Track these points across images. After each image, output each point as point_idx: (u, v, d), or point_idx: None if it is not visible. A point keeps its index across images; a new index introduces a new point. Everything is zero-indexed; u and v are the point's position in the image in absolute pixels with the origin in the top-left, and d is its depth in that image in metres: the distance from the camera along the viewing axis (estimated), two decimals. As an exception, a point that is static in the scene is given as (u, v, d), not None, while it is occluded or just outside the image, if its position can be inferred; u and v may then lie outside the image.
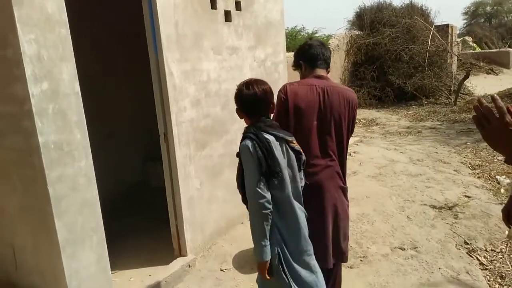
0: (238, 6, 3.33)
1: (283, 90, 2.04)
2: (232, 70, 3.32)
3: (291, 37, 14.34)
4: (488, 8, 35.26)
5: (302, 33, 14.80)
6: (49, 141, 1.99)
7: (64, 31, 2.03)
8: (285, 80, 4.15)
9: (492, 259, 2.87)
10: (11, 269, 2.38)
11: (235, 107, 1.81)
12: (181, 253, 2.93)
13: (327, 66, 2.12)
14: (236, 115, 1.85)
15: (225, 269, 2.89)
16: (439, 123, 7.73)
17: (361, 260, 2.93)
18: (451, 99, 9.58)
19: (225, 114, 3.25)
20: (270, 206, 1.61)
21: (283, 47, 4.05)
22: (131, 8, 3.06)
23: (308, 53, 2.12)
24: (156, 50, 2.65)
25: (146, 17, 2.61)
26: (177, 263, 2.84)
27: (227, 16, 3.23)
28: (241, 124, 3.49)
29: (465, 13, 35.77)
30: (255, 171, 1.59)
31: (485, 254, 2.93)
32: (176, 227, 2.92)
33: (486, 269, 2.77)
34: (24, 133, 1.99)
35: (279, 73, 3.99)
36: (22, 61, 1.86)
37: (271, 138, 1.66)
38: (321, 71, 2.08)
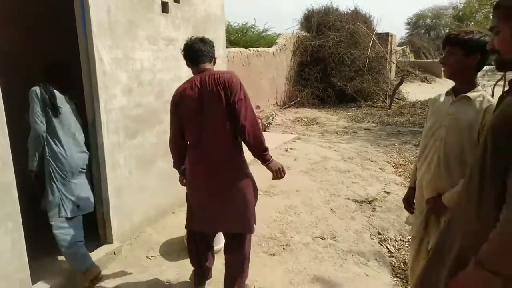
0: (176, -2, 3.36)
1: (173, 98, 2.24)
2: (168, 60, 3.34)
3: (242, 33, 14.41)
4: (428, 21, 37.84)
5: (252, 30, 14.92)
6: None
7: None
8: (224, 75, 4.23)
9: (399, 247, 3.18)
10: None
11: (170, 97, 1.94)
12: (107, 240, 2.92)
13: (210, 59, 2.26)
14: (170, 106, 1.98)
15: (151, 257, 2.93)
16: (373, 124, 8.26)
17: (283, 248, 3.10)
18: (386, 103, 10.25)
19: (159, 104, 3.27)
20: None
21: (222, 42, 4.13)
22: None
23: (188, 52, 2.27)
24: (86, 35, 2.61)
25: (76, 2, 2.56)
26: (102, 250, 2.83)
27: (164, 7, 3.24)
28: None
29: (408, 23, 38.15)
30: None
31: (394, 243, 3.24)
32: (102, 215, 2.90)
33: (393, 256, 3.06)
34: None
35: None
36: None
37: None
38: (204, 65, 2.21)
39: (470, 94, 1.91)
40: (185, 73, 3.56)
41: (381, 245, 3.21)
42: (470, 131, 1.87)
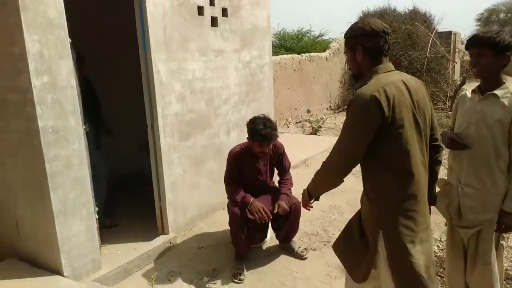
0: (224, 13, 3.69)
1: None
2: (217, 70, 3.67)
3: (297, 39, 14.62)
4: (502, 15, 34.94)
5: (308, 36, 15.05)
6: (47, 125, 2.37)
7: (63, 33, 2.41)
8: (270, 81, 4.49)
9: (444, 248, 3.16)
10: (13, 236, 2.77)
11: (219, 103, 2.26)
12: (164, 231, 3.29)
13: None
14: (219, 111, 2.28)
15: (202, 247, 3.25)
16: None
17: (324, 244, 3.25)
18: (447, 104, 9.79)
19: (209, 110, 3.61)
20: None
21: (268, 50, 4.38)
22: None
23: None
24: (145, 51, 3.02)
25: (138, 22, 2.98)
26: (159, 240, 3.20)
27: (214, 21, 3.58)
28: (223, 120, 3.87)
29: (478, 20, 35.54)
30: None
31: (439, 244, 3.24)
32: (160, 208, 3.28)
33: (436, 256, 3.06)
34: (27, 118, 2.37)
35: (264, 74, 4.32)
36: (26, 57, 2.24)
37: None
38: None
39: (498, 92, 1.95)
40: (233, 80, 3.89)
41: (424, 244, 3.21)
42: (500, 127, 1.92)
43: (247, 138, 2.96)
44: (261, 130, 2.79)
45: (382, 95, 1.52)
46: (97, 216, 2.76)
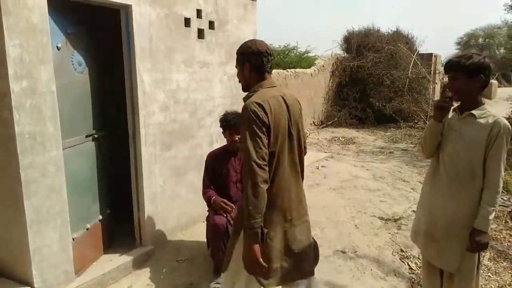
0: (211, 26, 3.71)
1: None
2: (202, 81, 3.67)
3: (284, 54, 14.82)
4: (480, 40, 36.34)
5: (294, 52, 15.28)
6: (24, 131, 2.31)
7: (45, 39, 2.37)
8: (255, 94, 4.51)
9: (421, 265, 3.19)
10: (-17, 245, 2.66)
11: (202, 114, 2.28)
12: (142, 243, 3.22)
13: None
14: (202, 122, 2.29)
15: (180, 260, 3.18)
16: (412, 145, 8.13)
17: (303, 259, 3.23)
18: (427, 124, 10.02)
19: (192, 121, 3.59)
20: None
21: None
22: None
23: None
24: (130, 60, 3.00)
25: (123, 32, 2.96)
26: (137, 252, 3.13)
27: (200, 33, 3.60)
28: (207, 131, 3.85)
29: (458, 43, 36.85)
30: None
31: (417, 261, 3.25)
32: (138, 220, 3.21)
33: (414, 273, 3.09)
34: (3, 122, 2.30)
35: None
36: (6, 61, 2.20)
37: None
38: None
39: (475, 112, 2.02)
40: (218, 92, 3.89)
41: (403, 262, 3.24)
42: (476, 146, 1.98)
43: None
44: (227, 116, 3.01)
45: (266, 105, 1.82)
46: (88, 226, 2.76)
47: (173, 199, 3.49)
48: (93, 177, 2.99)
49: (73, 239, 2.70)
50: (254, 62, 1.95)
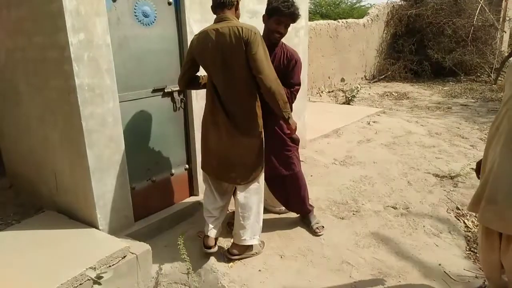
0: (260, -28, 3.53)
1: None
2: (251, 32, 3.56)
3: (334, 5, 14.05)
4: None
5: (345, 2, 14.40)
6: (84, 83, 2.41)
7: (98, -10, 2.39)
8: (305, 45, 4.34)
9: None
10: (53, 190, 2.91)
11: None
12: (194, 192, 3.36)
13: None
14: None
15: (230, 209, 3.29)
16: (473, 100, 7.57)
17: (353, 214, 3.21)
18: (492, 77, 9.21)
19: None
20: None
21: (305, 13, 4.21)
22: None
23: None
24: (180, 11, 2.96)
25: (171, -20, 2.90)
26: (190, 200, 3.28)
27: (249, -19, 3.44)
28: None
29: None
30: None
31: (474, 219, 3.11)
32: (190, 170, 3.33)
33: (470, 231, 2.97)
34: (64, 75, 2.41)
35: (299, 38, 4.17)
36: (64, 14, 2.25)
37: None
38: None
39: None
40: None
41: (458, 219, 3.12)
42: None
43: (263, 16, 2.74)
44: (286, 2, 2.56)
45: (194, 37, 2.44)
46: (154, 178, 3.01)
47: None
48: (162, 132, 3.02)
49: (133, 188, 2.86)
50: (212, 4, 2.43)
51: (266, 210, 3.23)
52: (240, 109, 2.44)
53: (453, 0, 10.01)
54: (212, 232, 2.62)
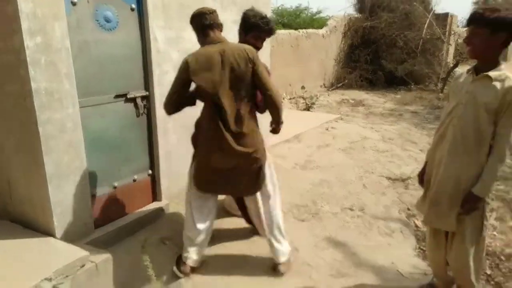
0: (223, -19, 3.61)
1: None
2: (214, 40, 3.62)
3: (295, 15, 14.41)
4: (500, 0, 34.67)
5: (305, 13, 14.82)
6: (41, 87, 2.34)
7: (58, -6, 2.35)
8: (268, 54, 4.46)
9: (427, 223, 3.28)
10: (7, 199, 2.78)
11: None
12: (157, 198, 3.34)
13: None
14: None
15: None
16: (422, 108, 8.06)
17: (312, 216, 3.34)
18: (439, 86, 9.86)
19: (205, 80, 3.59)
20: None
21: (266, 23, 4.31)
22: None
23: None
24: (143, 17, 2.96)
25: (134, -14, 2.90)
26: (152, 206, 3.25)
27: (213, -11, 3.51)
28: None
29: (476, 3, 35.22)
30: None
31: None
32: (154, 176, 3.31)
33: (419, 230, 3.18)
34: (20, 79, 2.33)
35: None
36: (19, 16, 2.19)
37: None
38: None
39: (492, 73, 1.88)
40: (229, 51, 3.84)
41: (409, 220, 3.33)
42: (486, 110, 1.88)
43: (239, 32, 2.79)
44: (264, 17, 2.62)
45: (191, 59, 2.32)
46: (115, 184, 2.93)
47: (187, 157, 3.55)
48: (124, 138, 2.98)
49: (94, 195, 2.80)
50: (197, 24, 2.41)
51: (228, 214, 3.29)
52: (246, 126, 2.42)
53: (404, 15, 10.64)
54: (190, 260, 2.57)
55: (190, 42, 3.33)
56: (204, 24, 2.39)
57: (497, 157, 1.92)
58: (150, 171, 3.26)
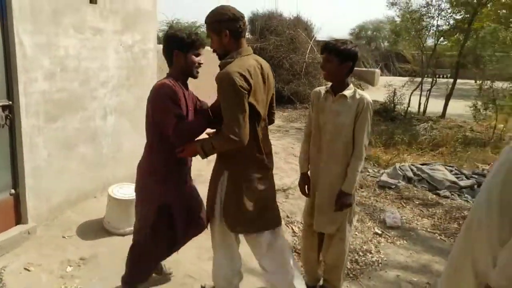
0: (105, -10, 3.50)
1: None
2: (95, 50, 3.47)
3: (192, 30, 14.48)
4: (369, 32, 40.11)
5: (202, 29, 15.04)
6: None
7: None
8: (154, 68, 4.41)
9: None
10: None
11: (95, 85, 2.00)
12: (22, 220, 2.99)
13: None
14: (95, 93, 2.07)
15: (68, 236, 3.05)
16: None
17: (198, 229, 3.36)
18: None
19: (84, 91, 3.39)
20: None
21: (153, 37, 4.29)
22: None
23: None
24: (6, 20, 2.69)
25: (-3, -16, 2.64)
26: (16, 230, 2.91)
27: (92, -3, 3.37)
28: (100, 103, 3.67)
29: (351, 34, 40.15)
30: None
31: (299, 225, 3.63)
32: (17, 195, 2.97)
33: (296, 235, 3.46)
34: None
35: (148, 60, 4.22)
36: None
37: None
38: None
39: (346, 92, 2.28)
40: (112, 62, 3.72)
41: (287, 226, 3.60)
42: (348, 124, 2.27)
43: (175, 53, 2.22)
44: (196, 34, 2.23)
45: (247, 74, 1.84)
46: None
47: (61, 173, 3.29)
48: None
49: None
50: (232, 28, 1.92)
51: (108, 233, 3.13)
52: (270, 145, 2.31)
53: (290, 39, 11.61)
54: None
55: (64, 50, 3.15)
56: (239, 31, 1.95)
57: (357, 156, 2.29)
58: (12, 190, 2.92)
